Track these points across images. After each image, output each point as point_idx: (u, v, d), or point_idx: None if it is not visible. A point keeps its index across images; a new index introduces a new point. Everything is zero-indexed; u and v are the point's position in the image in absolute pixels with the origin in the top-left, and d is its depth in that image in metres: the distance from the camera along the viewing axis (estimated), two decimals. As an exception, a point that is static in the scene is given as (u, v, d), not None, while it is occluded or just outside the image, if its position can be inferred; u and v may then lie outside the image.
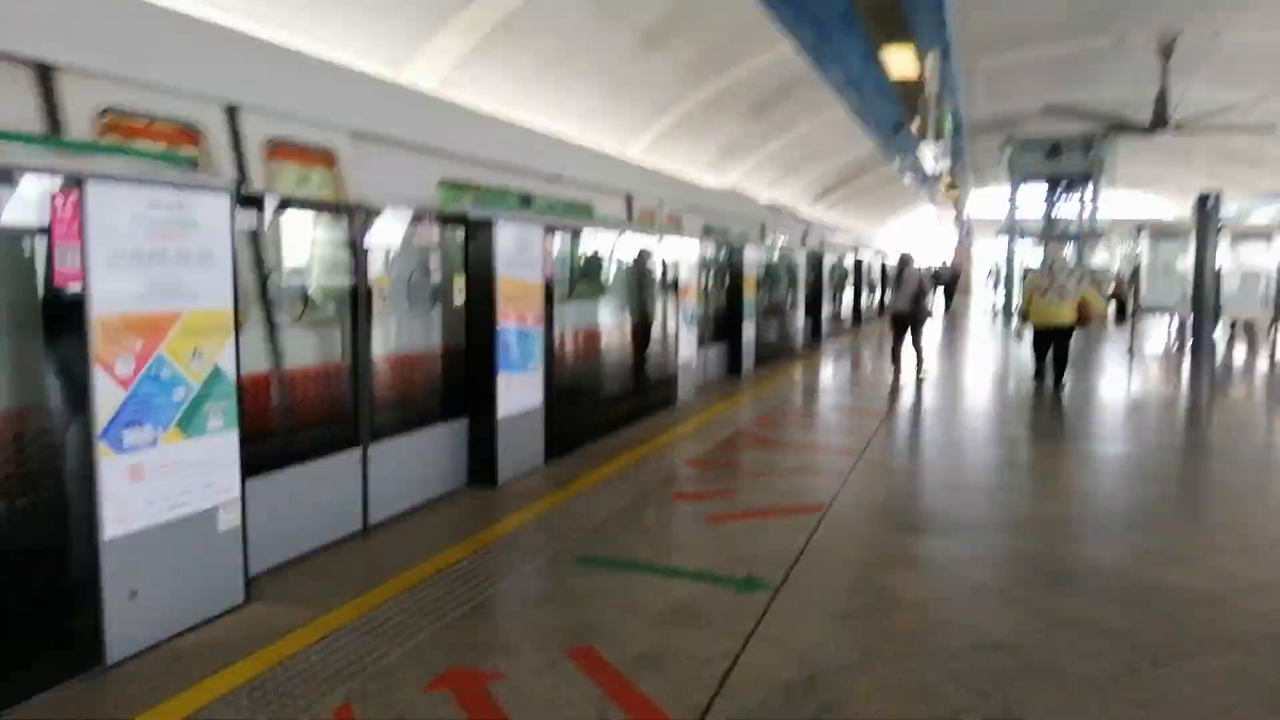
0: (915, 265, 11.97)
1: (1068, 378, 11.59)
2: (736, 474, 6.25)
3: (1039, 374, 11.52)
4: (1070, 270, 11.53)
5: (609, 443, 7.10)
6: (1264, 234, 15.18)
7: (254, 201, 3.92)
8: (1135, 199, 43.06)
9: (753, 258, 11.49)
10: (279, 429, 4.23)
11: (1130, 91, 22.64)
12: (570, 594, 3.93)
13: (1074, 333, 11.42)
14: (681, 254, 8.97)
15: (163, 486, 3.35)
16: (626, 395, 7.78)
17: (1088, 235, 26.93)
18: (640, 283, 8.39)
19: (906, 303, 11.85)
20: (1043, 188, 29.53)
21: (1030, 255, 29.22)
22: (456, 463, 5.59)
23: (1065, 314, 11.18)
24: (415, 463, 5.19)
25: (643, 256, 8.42)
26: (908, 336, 11.93)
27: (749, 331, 11.52)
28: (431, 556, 4.33)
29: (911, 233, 52.97)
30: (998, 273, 30.73)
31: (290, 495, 4.22)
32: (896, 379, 11.60)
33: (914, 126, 12.41)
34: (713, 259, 10.82)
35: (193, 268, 3.41)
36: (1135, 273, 17.23)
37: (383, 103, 5.76)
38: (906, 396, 10.00)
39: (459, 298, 5.54)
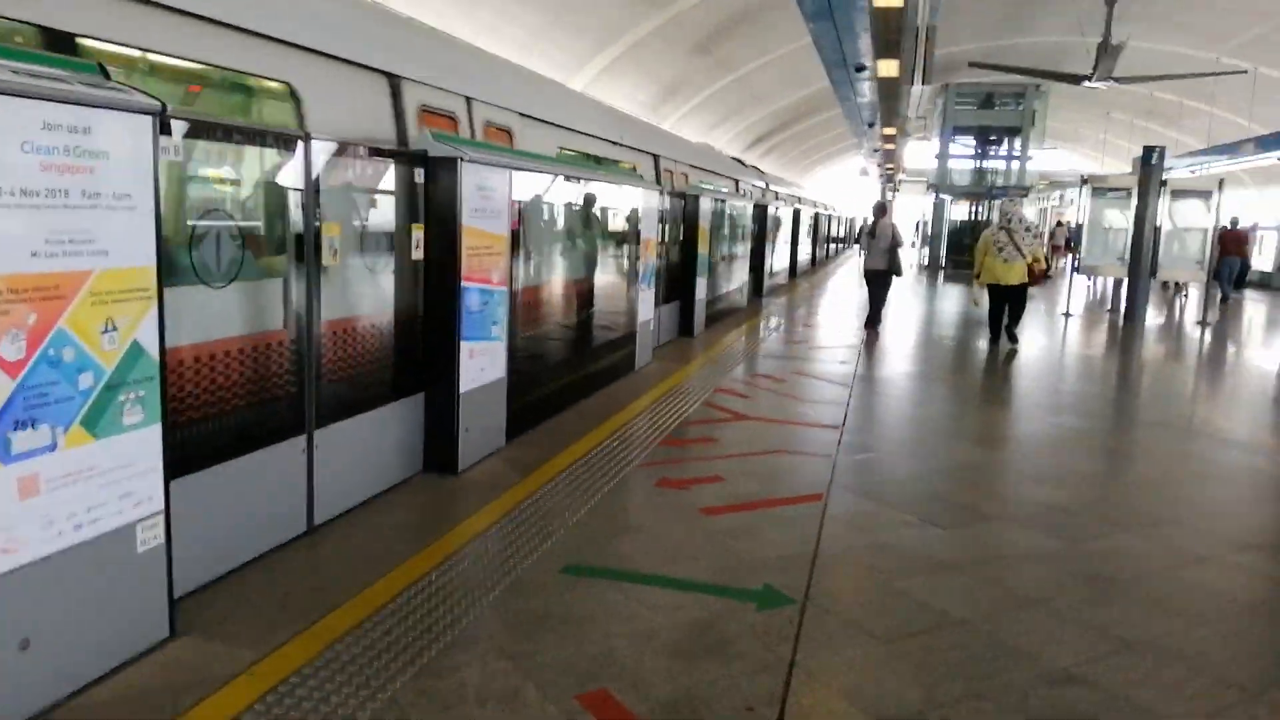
0: (889, 217, 11.46)
1: (1020, 337, 11.45)
2: (718, 454, 5.70)
3: (994, 334, 11.36)
4: (1027, 227, 11.28)
5: (571, 417, 6.47)
6: (1203, 192, 15.18)
7: (180, 124, 3.12)
8: (1053, 156, 43.73)
9: (707, 208, 10.85)
10: (207, 416, 3.47)
11: (1067, 39, 22.48)
12: (566, 617, 3.33)
13: (1026, 290, 11.28)
14: (641, 203, 8.29)
15: (64, 502, 2.60)
16: (586, 362, 7.13)
17: (1016, 190, 27.01)
18: (598, 235, 7.69)
19: (882, 258, 11.44)
20: (970, 143, 29.62)
21: (958, 211, 29.40)
22: (411, 446, 4.88)
23: (1017, 273, 11.00)
24: (367, 449, 4.47)
25: (599, 206, 7.71)
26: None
27: (702, 289, 10.94)
28: (392, 569, 3.66)
29: (834, 186, 53.08)
30: (924, 228, 30.92)
31: (222, 497, 3.49)
32: (870, 339, 11.29)
33: (891, 66, 11.82)
34: (667, 210, 10.15)
35: (104, 214, 2.62)
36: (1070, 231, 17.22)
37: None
38: (869, 357, 9.63)
39: (416, 251, 4.78)
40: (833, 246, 34.12)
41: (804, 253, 23.16)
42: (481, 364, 5.17)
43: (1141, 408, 8.14)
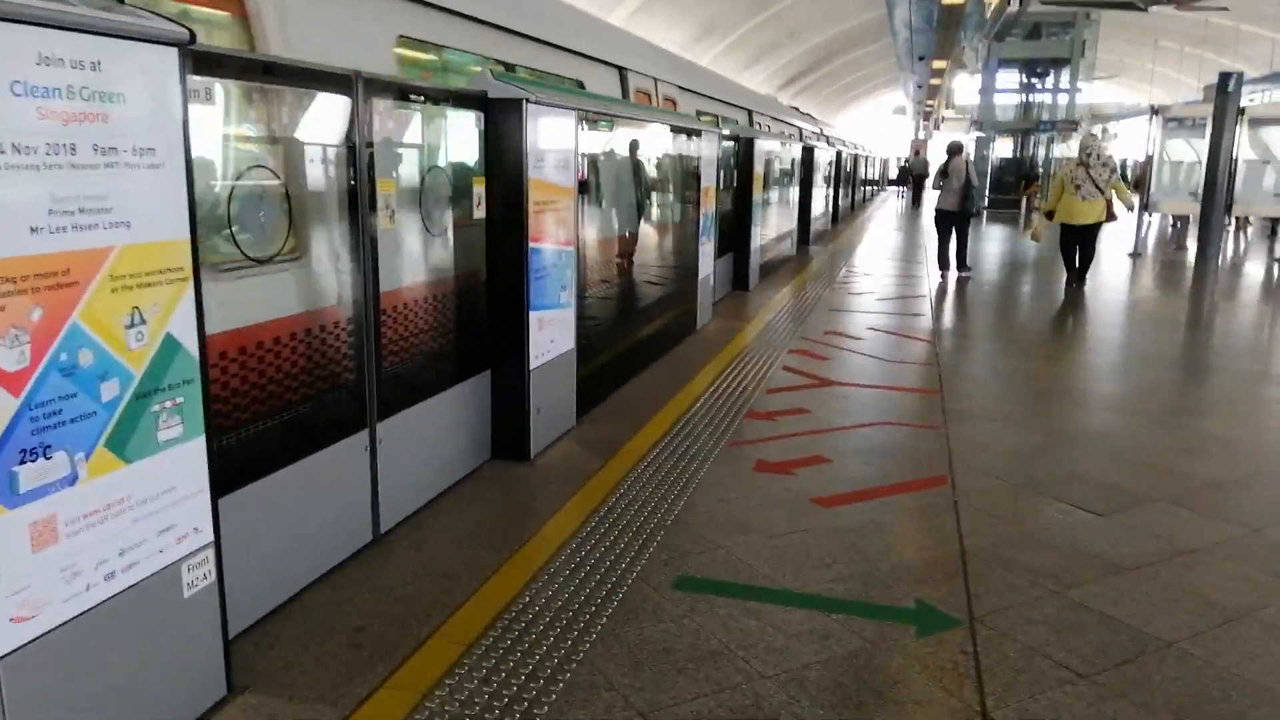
0: (963, 155, 11.11)
1: (1090, 276, 10.86)
2: (813, 429, 5.10)
3: (1070, 273, 10.80)
4: (1104, 163, 10.57)
5: (638, 388, 5.89)
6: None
7: (210, 61, 2.50)
8: (1097, 89, 42.06)
9: (762, 152, 10.11)
10: (256, 417, 2.91)
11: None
12: (695, 651, 2.77)
13: (1099, 230, 10.72)
14: (703, 149, 7.59)
15: (90, 547, 2.05)
16: (649, 326, 6.52)
17: (1065, 124, 25.78)
18: (658, 184, 7.03)
19: (955, 199, 11.02)
20: (1014, 77, 28.30)
21: (1001, 148, 28.20)
22: (478, 431, 4.32)
23: (1096, 211, 10.40)
24: (433, 440, 3.91)
25: (661, 152, 7.03)
26: (953, 237, 11.42)
27: (756, 239, 10.25)
28: (477, 589, 3.11)
29: (866, 125, 51.55)
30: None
31: (277, 513, 2.94)
32: (944, 281, 10.97)
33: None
34: (720, 155, 9.43)
35: (123, 174, 2.04)
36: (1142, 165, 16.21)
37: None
38: (943, 307, 8.96)
39: (478, 210, 4.17)
40: (869, 189, 33.06)
41: (844, 197, 22.29)
42: (551, 335, 4.58)
43: (1250, 358, 7.42)
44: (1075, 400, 5.91)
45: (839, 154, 19.86)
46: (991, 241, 17.61)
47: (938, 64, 18.75)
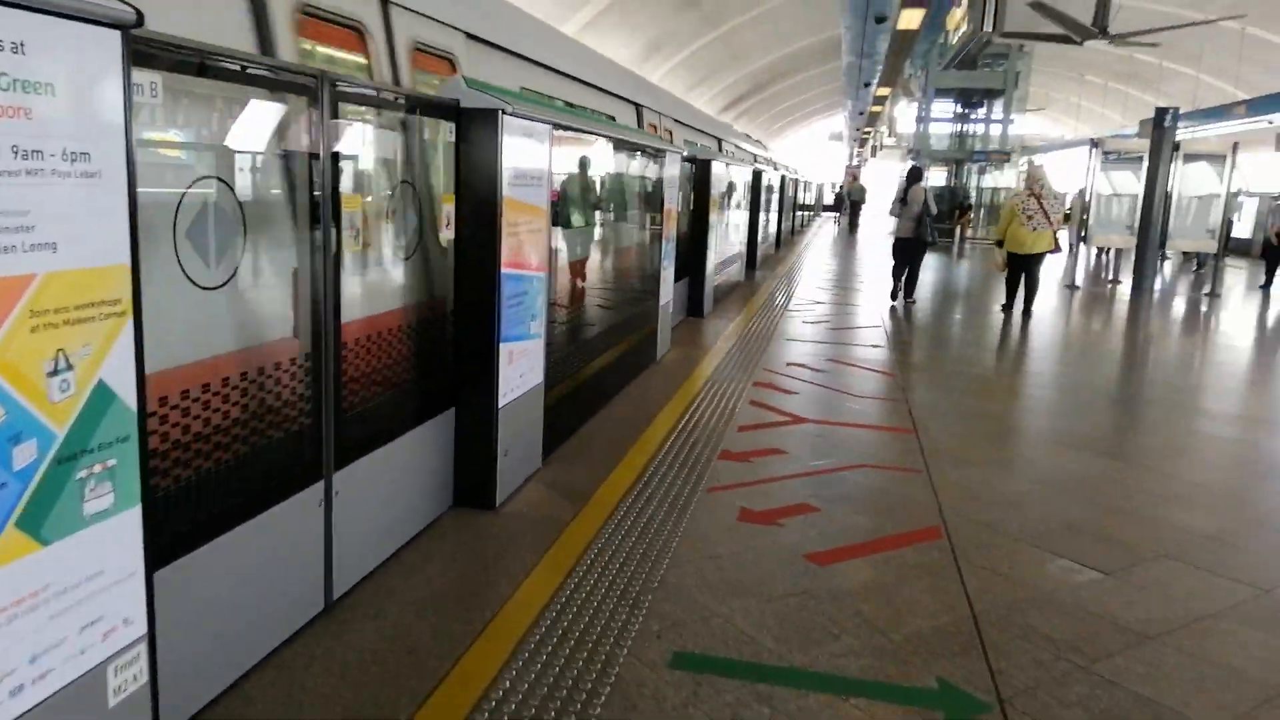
0: (923, 183, 11.17)
1: (1037, 310, 11.19)
2: (793, 471, 4.82)
3: (1010, 302, 11.05)
4: (1054, 195, 10.89)
5: (604, 423, 5.55)
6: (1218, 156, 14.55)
7: (156, 50, 2.10)
8: (1024, 121, 43.29)
9: (719, 175, 9.89)
10: (193, 474, 2.48)
11: None
12: (705, 744, 2.43)
13: (1043, 259, 10.99)
14: (665, 169, 7.31)
15: (-12, 656, 1.63)
16: (613, 356, 6.18)
17: (997, 155, 26.33)
18: (622, 205, 6.72)
19: (912, 226, 11.02)
20: (950, 107, 28.84)
21: (934, 177, 28.68)
22: (440, 476, 3.92)
23: (1045, 241, 10.65)
24: (393, 489, 3.50)
25: (624, 171, 6.72)
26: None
27: (712, 263, 10.00)
28: (448, 670, 2.72)
29: (801, 151, 52.18)
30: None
31: (215, 588, 2.50)
32: (895, 308, 11.18)
33: (914, 17, 10.85)
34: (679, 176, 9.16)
35: (49, 185, 1.64)
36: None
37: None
38: (899, 339, 8.81)
39: (446, 231, 3.79)
40: (806, 215, 33.30)
41: (785, 222, 22.31)
42: (521, 369, 4.21)
43: (1210, 397, 7.42)
44: (1049, 441, 5.75)
45: (782, 178, 19.84)
46: (927, 270, 17.73)
47: (881, 91, 18.90)
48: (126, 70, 1.76)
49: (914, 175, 11.67)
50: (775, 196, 18.29)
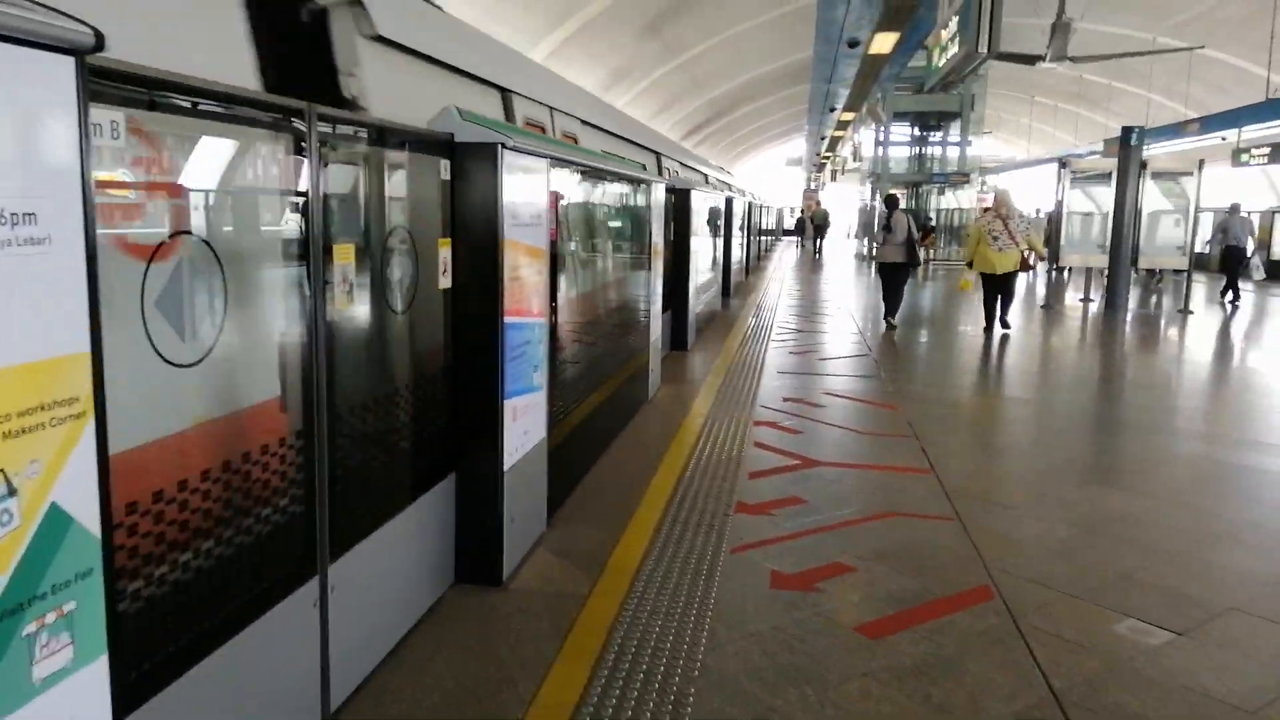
0: (903, 209, 11.69)
1: (1012, 322, 11.61)
2: (818, 525, 4.46)
3: (990, 321, 11.38)
4: (1021, 216, 11.53)
5: (606, 473, 5.16)
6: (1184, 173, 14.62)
7: (119, 79, 1.70)
8: (978, 143, 43.77)
9: (700, 205, 9.59)
10: (167, 586, 2.04)
11: (1017, 21, 21.91)
12: None
13: (1015, 278, 11.55)
14: (653, 201, 6.97)
15: None
16: (607, 399, 5.78)
17: (957, 176, 26.50)
18: (612, 241, 6.35)
19: (900, 251, 11.41)
20: (907, 131, 29.03)
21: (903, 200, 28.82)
22: (441, 551, 3.49)
23: (1012, 261, 11.16)
24: (393, 574, 3.07)
25: (615, 205, 6.37)
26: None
27: (694, 294, 9.68)
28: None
29: (758, 176, 52.44)
30: (876, 217, 30.23)
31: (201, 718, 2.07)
32: (889, 332, 11.32)
33: (888, 41, 10.69)
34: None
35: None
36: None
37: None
38: (891, 368, 8.52)
39: (443, 278, 3.39)
40: (768, 239, 33.29)
41: (752, 248, 22.18)
42: (525, 425, 3.80)
43: (1219, 422, 7.21)
44: (1072, 476, 5.45)
45: (749, 205, 19.69)
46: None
47: (845, 115, 18.87)
48: (84, 105, 1.36)
49: (892, 203, 12.05)
50: (744, 222, 18.09)
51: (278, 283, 2.39)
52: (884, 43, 10.77)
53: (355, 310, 2.76)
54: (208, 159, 2.18)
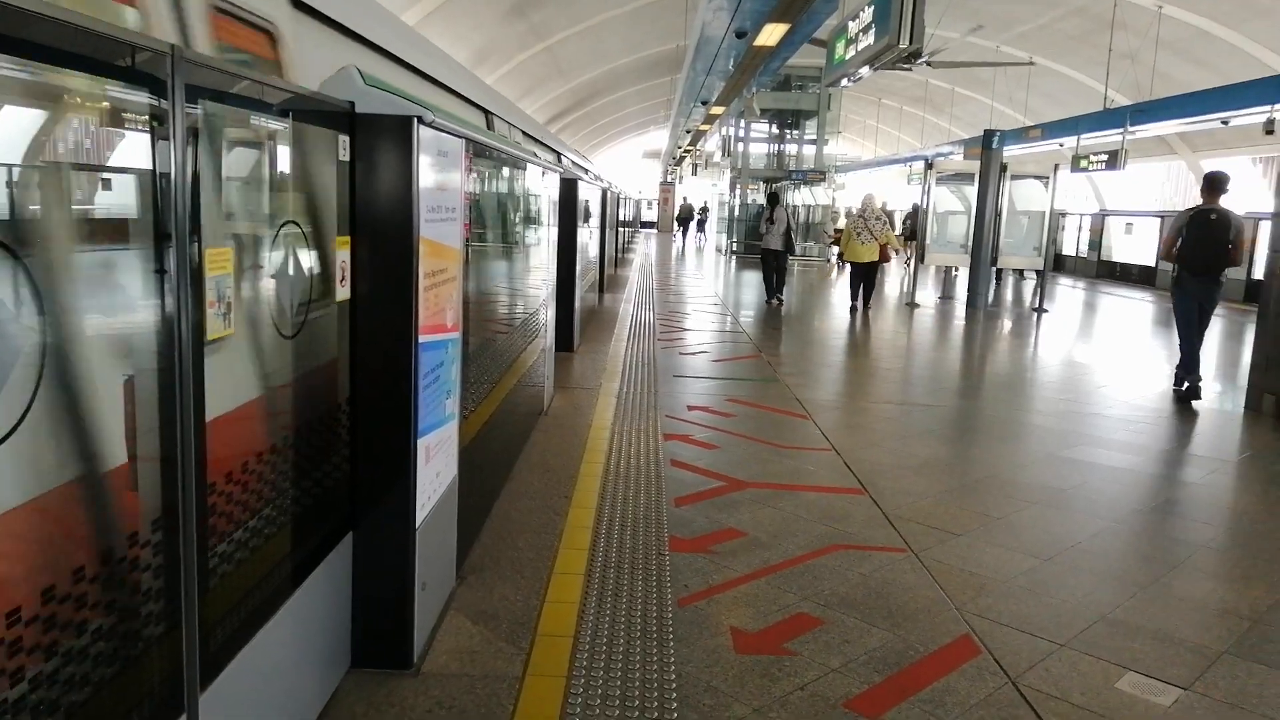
0: (783, 204, 14.37)
1: (874, 302, 14.07)
2: (763, 565, 3.95)
3: (854, 301, 13.68)
4: (878, 217, 13.76)
5: (512, 506, 4.49)
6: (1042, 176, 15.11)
7: None
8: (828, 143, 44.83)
9: (584, 195, 8.94)
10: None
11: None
12: None
13: (877, 267, 13.92)
14: (549, 191, 6.29)
15: None
16: (507, 415, 5.06)
17: (814, 174, 26.87)
18: (509, 234, 5.63)
19: (779, 240, 13.97)
20: (765, 128, 29.28)
21: (758, 195, 28.98)
22: (335, 629, 2.73)
23: (871, 253, 13.55)
24: (275, 680, 2.31)
25: (513, 195, 5.64)
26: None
27: (579, 291, 9.03)
28: None
29: (615, 167, 52.09)
30: (729, 211, 30.41)
31: None
32: (770, 306, 13.67)
33: (777, 32, 10.28)
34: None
35: None
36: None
37: None
38: (787, 367, 8.16)
39: (341, 288, 2.63)
40: (628, 232, 32.94)
41: (620, 240, 21.69)
42: (438, 466, 3.09)
43: (1127, 428, 7.21)
44: (1011, 493, 5.16)
45: (617, 197, 19.18)
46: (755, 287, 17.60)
47: (715, 110, 18.63)
48: None
49: (774, 199, 14.68)
50: (612, 214, 17.55)
51: (124, 303, 1.62)
52: (772, 34, 10.41)
53: (235, 337, 1.99)
54: (48, 121, 1.40)
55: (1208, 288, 7.77)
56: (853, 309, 13.54)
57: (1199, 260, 7.72)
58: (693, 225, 38.77)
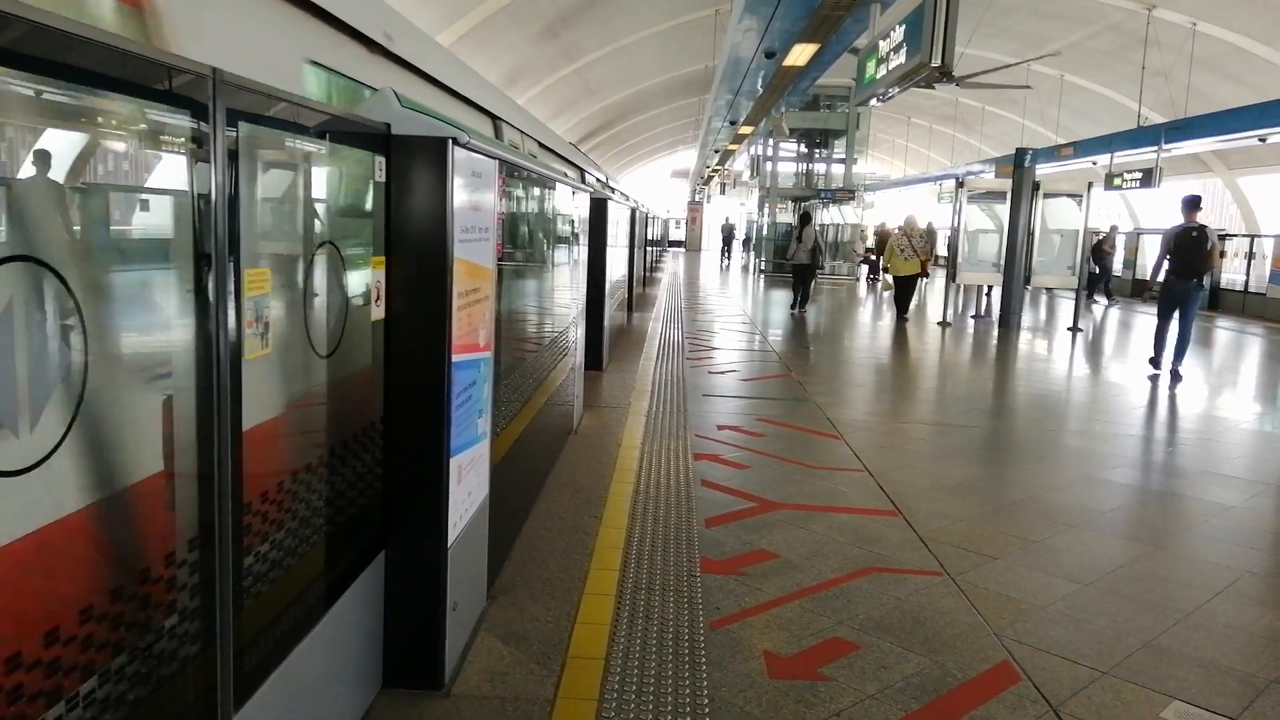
0: (813, 223, 15.74)
1: (911, 309, 15.40)
2: (796, 587, 3.91)
3: (900, 310, 14.99)
4: (920, 234, 14.96)
5: (543, 525, 4.47)
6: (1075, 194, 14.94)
7: None
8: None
9: (614, 215, 8.97)
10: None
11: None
12: None
13: (917, 279, 15.37)
14: (580, 212, 6.31)
15: None
16: (535, 434, 5.05)
17: (843, 193, 26.77)
18: (532, 255, 5.65)
19: (807, 255, 15.32)
20: (794, 147, 29.25)
21: (785, 214, 28.94)
22: (366, 646, 2.73)
23: (914, 267, 14.90)
24: (307, 701, 2.31)
25: (546, 215, 5.67)
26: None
27: (609, 309, 9.04)
28: None
29: (643, 187, 52.30)
30: (757, 231, 30.41)
31: None
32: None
33: (805, 52, 10.31)
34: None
35: None
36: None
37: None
38: (818, 387, 8.09)
39: (375, 308, 2.64)
40: (656, 250, 33.03)
41: (646, 258, 21.75)
42: (469, 485, 3.08)
43: (1163, 449, 7.08)
44: (1048, 514, 5.07)
45: (647, 216, 19.24)
46: (780, 306, 17.51)
47: (744, 129, 18.65)
48: None
49: (805, 218, 15.97)
50: (642, 233, 17.61)
51: (165, 324, 1.63)
52: (801, 54, 10.42)
53: (271, 356, 2.00)
54: (91, 145, 1.42)
55: (1189, 290, 9.61)
56: (899, 319, 14.73)
57: (1184, 268, 9.53)
58: (736, 244, 39.22)
